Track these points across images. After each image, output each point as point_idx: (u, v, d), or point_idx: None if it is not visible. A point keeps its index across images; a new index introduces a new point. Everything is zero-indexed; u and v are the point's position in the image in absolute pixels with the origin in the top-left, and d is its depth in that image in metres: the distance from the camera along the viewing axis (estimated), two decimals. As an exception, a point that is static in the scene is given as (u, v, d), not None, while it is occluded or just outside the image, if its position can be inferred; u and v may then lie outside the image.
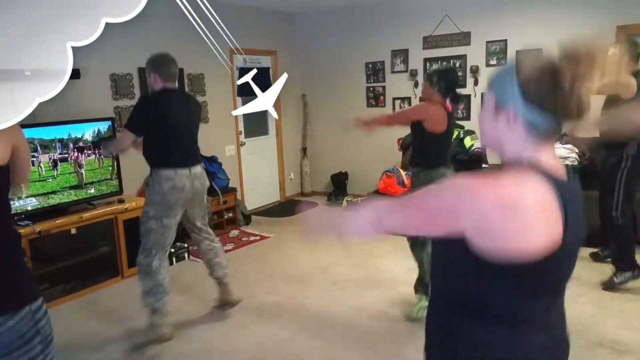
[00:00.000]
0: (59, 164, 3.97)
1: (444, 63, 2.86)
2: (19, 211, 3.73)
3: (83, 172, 4.13)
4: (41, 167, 3.85)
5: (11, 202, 3.63)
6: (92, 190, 4.22)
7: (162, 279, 3.14)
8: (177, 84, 3.30)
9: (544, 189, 0.97)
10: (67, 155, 4.01)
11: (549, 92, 1.00)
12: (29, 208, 3.79)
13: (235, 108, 6.18)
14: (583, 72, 0.99)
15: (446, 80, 3.13)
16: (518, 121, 1.05)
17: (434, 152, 3.20)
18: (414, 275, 4.14)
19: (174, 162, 3.12)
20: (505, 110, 1.06)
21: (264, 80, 6.66)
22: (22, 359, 1.37)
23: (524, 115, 1.04)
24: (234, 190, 5.73)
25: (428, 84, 3.18)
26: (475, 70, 5.85)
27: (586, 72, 1.00)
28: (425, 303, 3.19)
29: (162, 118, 3.09)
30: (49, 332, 1.45)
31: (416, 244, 3.27)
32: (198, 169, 3.26)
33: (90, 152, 4.18)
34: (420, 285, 3.38)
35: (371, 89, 6.68)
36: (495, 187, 0.96)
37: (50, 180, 3.92)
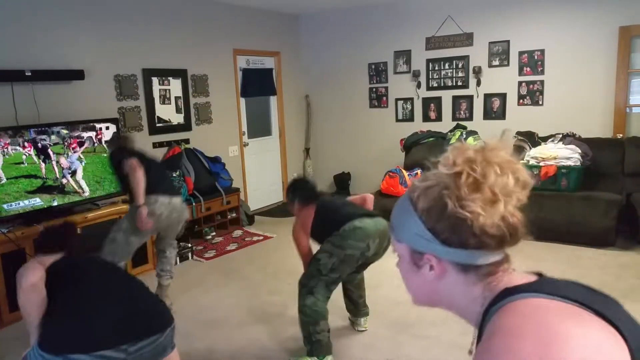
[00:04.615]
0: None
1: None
2: (23, 211, 3.76)
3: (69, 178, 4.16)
4: (49, 167, 3.88)
5: (17, 202, 3.65)
6: (90, 187, 4.24)
7: None
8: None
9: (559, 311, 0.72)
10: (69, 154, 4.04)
11: (461, 228, 0.78)
12: (34, 208, 3.82)
13: (238, 109, 6.21)
14: (496, 185, 0.78)
15: (296, 193, 3.14)
16: (448, 266, 0.82)
17: (327, 222, 2.96)
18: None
19: (155, 190, 3.41)
20: (425, 259, 0.83)
21: (267, 81, 6.69)
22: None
23: (450, 259, 0.81)
24: (237, 190, 5.75)
25: (289, 203, 3.20)
26: (478, 71, 5.86)
27: (480, 178, 0.77)
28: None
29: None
30: None
31: (304, 287, 2.86)
32: (177, 201, 3.56)
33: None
34: (305, 340, 2.87)
35: (374, 89, 6.70)
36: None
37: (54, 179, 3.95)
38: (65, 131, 4.02)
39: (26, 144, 3.76)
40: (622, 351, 0.69)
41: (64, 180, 3.98)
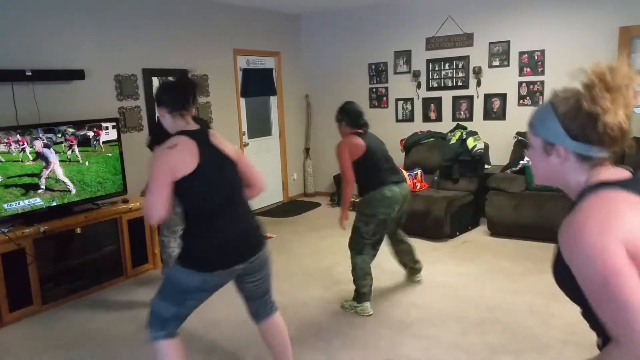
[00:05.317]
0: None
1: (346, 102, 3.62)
2: (23, 211, 3.76)
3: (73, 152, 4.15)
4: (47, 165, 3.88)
5: (17, 202, 3.65)
6: (92, 187, 4.24)
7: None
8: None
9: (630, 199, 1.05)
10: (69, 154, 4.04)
11: (587, 124, 1.08)
12: (34, 208, 3.81)
13: (238, 109, 6.21)
14: (614, 98, 1.05)
15: (347, 113, 3.54)
16: (570, 156, 1.13)
17: (366, 176, 3.47)
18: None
19: None
20: (555, 149, 1.14)
21: (268, 81, 6.69)
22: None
23: (574, 150, 1.12)
24: (237, 190, 5.74)
25: (337, 124, 3.59)
26: (478, 72, 5.86)
27: (617, 98, 1.05)
28: (350, 302, 3.57)
29: None
30: None
31: (354, 249, 3.50)
32: None
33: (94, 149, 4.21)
34: (355, 288, 3.56)
35: (374, 90, 6.70)
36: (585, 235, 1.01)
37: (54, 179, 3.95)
38: (71, 130, 4.02)
39: (19, 137, 3.70)
40: None
41: (44, 175, 3.86)
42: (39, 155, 3.81)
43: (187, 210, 2.20)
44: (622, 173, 1.13)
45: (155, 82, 5.12)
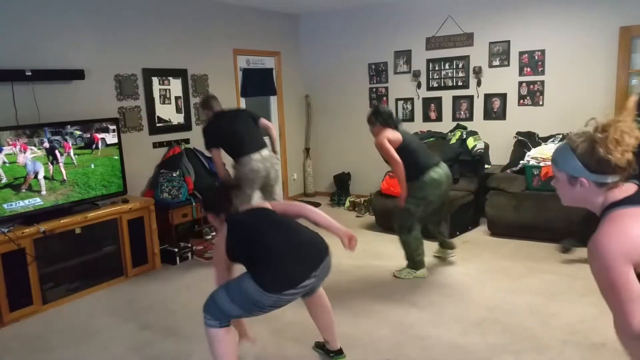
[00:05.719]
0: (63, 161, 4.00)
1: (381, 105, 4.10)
2: (23, 211, 3.76)
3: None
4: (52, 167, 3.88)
5: (17, 202, 3.65)
6: (97, 190, 4.24)
7: None
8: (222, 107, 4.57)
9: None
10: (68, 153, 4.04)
11: (601, 161, 1.41)
12: (34, 208, 3.81)
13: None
14: (618, 139, 1.39)
15: (380, 114, 3.89)
16: (591, 184, 1.46)
17: (409, 165, 3.77)
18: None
19: (246, 151, 4.33)
20: (578, 181, 1.48)
21: (268, 81, 6.69)
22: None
23: (593, 180, 1.45)
24: (237, 190, 5.73)
25: (370, 126, 3.96)
26: (478, 71, 5.86)
27: (625, 148, 1.40)
28: (407, 271, 4.07)
29: (225, 127, 4.38)
30: None
31: (403, 228, 3.93)
32: (265, 152, 4.45)
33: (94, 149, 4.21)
34: (408, 259, 4.06)
35: (374, 89, 6.69)
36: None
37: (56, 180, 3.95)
38: (78, 132, 4.03)
39: (12, 140, 3.67)
40: None
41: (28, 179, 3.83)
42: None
43: (245, 261, 2.55)
44: (630, 189, 1.46)
45: (155, 82, 5.13)
